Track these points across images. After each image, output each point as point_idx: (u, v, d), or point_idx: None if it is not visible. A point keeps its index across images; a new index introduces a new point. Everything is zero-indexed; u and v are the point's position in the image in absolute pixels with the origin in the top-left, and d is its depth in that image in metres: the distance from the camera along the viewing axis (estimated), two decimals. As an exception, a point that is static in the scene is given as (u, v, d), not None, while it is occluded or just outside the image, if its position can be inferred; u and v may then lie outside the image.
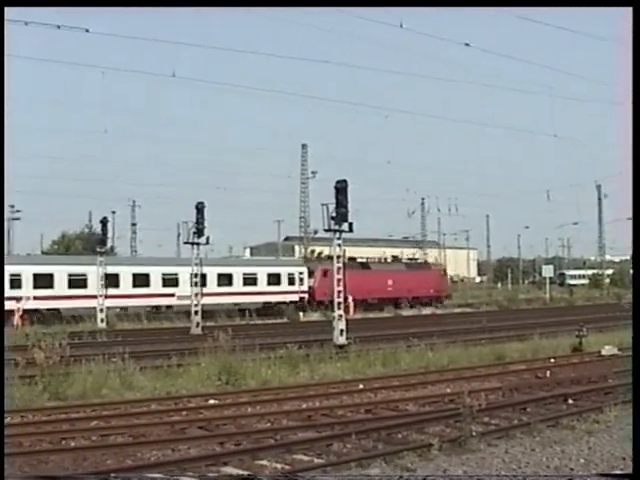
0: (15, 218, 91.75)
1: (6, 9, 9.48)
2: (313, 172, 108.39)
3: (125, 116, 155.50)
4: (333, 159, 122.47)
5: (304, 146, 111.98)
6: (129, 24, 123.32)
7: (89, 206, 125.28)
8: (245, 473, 12.55)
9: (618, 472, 11.53)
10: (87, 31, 23.42)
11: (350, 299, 55.24)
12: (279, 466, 13.26)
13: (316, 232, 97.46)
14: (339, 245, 33.67)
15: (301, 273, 65.29)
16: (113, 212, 73.64)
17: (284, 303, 62.46)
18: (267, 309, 60.77)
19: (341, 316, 33.08)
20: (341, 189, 32.13)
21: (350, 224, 32.52)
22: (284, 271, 65.07)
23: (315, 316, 56.60)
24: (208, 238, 45.00)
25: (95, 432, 16.32)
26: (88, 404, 19.40)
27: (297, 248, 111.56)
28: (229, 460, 13.71)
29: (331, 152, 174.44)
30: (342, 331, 32.64)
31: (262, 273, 63.25)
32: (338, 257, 33.89)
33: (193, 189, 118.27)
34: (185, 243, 46.36)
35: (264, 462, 13.57)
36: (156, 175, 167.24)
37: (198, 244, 44.93)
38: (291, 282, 64.45)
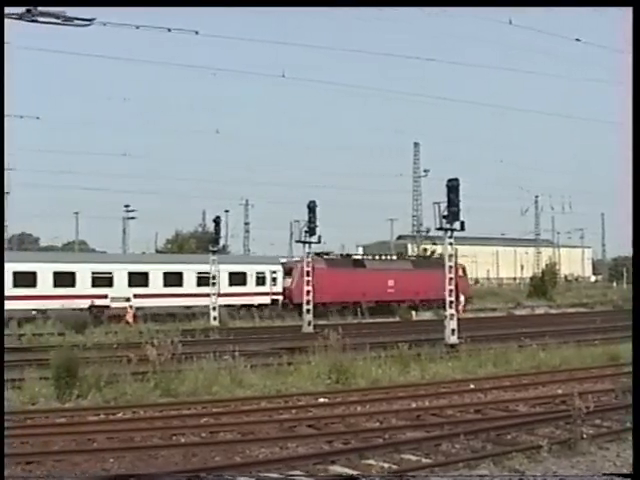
0: (130, 217, 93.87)
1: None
2: (425, 170, 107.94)
3: (236, 117, 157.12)
4: (445, 157, 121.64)
5: (416, 144, 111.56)
6: (238, 25, 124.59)
7: (203, 205, 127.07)
8: (354, 473, 12.49)
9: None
10: (197, 33, 23.68)
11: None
12: (386, 465, 13.16)
13: (428, 231, 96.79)
14: (450, 244, 33.47)
15: (274, 272, 57.30)
16: (226, 211, 74.55)
17: (251, 306, 54.09)
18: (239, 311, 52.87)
19: (453, 315, 32.89)
20: (453, 187, 31.95)
21: (462, 223, 32.32)
22: (251, 269, 56.89)
23: (427, 315, 55.99)
24: (320, 237, 45.18)
25: (205, 429, 16.50)
26: (199, 401, 19.67)
27: (409, 247, 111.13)
28: (337, 459, 13.69)
29: (443, 150, 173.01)
30: (453, 330, 32.42)
31: (223, 272, 53.37)
32: (450, 256, 33.67)
33: (305, 189, 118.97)
34: (297, 242, 46.65)
35: (371, 461, 13.51)
36: (269, 174, 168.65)
37: (310, 243, 45.12)
38: (260, 282, 56.60)
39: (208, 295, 49.64)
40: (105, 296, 49.32)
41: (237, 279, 55.53)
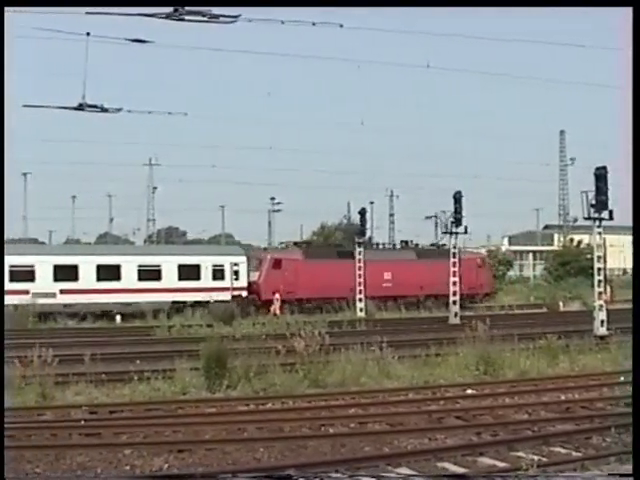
0: (276, 210, 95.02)
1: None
2: (571, 159, 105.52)
3: (381, 108, 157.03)
4: (593, 145, 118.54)
5: (562, 132, 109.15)
6: (382, 16, 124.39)
7: (347, 197, 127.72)
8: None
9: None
10: (341, 26, 23.74)
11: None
12: (536, 458, 12.86)
13: (576, 220, 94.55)
14: (599, 233, 32.59)
15: (235, 264, 50.23)
16: (371, 203, 74.54)
17: (207, 303, 47.41)
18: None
19: (602, 306, 32.09)
20: (601, 176, 31.19)
21: (610, 212, 31.49)
22: (206, 261, 49.89)
23: (575, 306, 54.49)
24: (466, 227, 44.69)
25: (353, 419, 16.54)
26: (347, 392, 19.75)
27: (556, 236, 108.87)
28: (485, 451, 13.53)
29: (591, 138, 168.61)
30: (602, 322, 31.61)
31: (169, 264, 48.47)
32: (598, 246, 32.80)
33: (451, 179, 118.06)
34: (444, 233, 46.17)
35: (521, 454, 13.27)
36: (414, 165, 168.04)
37: (457, 233, 44.70)
38: (218, 276, 49.75)
39: (152, 291, 46.06)
40: (26, 292, 42.87)
41: (188, 272, 48.90)
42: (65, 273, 45.16)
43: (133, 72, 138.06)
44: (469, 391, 20.07)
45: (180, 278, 48.43)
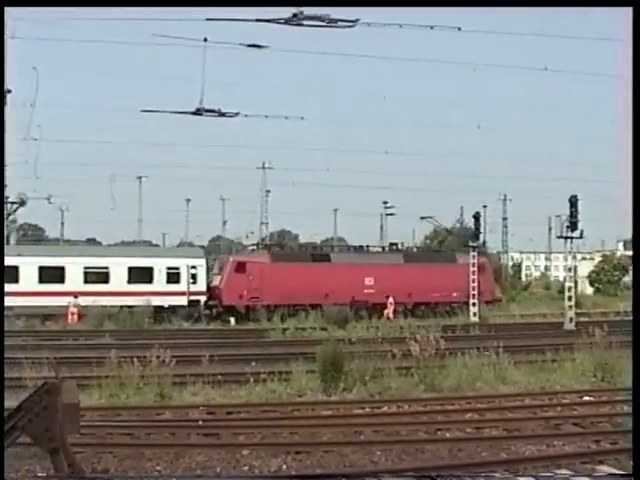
0: (389, 214, 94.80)
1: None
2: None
3: (497, 111, 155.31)
4: None
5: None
6: (502, 19, 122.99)
7: (460, 201, 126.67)
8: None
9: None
10: (459, 29, 23.67)
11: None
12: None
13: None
14: None
15: (193, 267, 47.59)
16: (484, 206, 73.78)
17: (160, 308, 45.57)
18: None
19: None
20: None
21: None
22: (160, 264, 47.11)
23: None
24: (582, 232, 43.86)
25: (470, 424, 16.45)
26: (463, 397, 19.62)
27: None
28: (604, 459, 13.26)
29: None
30: None
31: (118, 266, 45.91)
32: None
33: (566, 182, 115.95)
34: (558, 237, 45.32)
35: (644, 463, 12.91)
36: (529, 168, 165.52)
37: (572, 238, 43.92)
38: (173, 279, 47.03)
39: (99, 294, 43.34)
40: None
41: (139, 275, 46.45)
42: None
43: (249, 76, 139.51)
44: (586, 398, 19.73)
45: (130, 281, 46.07)
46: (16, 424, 6.03)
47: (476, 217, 51.41)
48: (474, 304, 47.79)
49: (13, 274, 40.87)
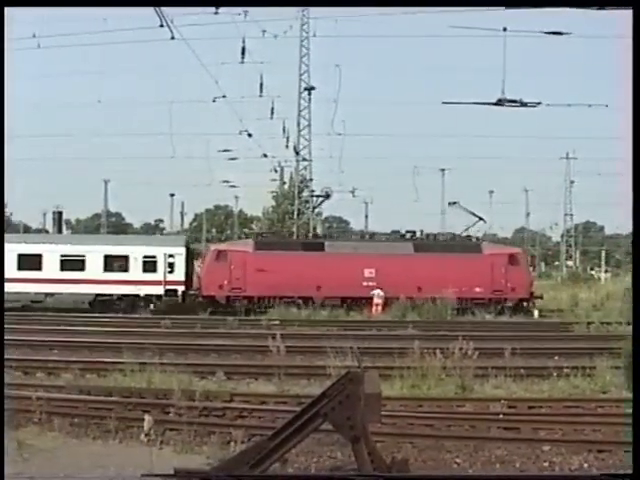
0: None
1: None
2: None
3: None
4: None
5: None
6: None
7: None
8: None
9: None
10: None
11: None
12: None
13: None
14: None
15: (170, 256, 45.80)
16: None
17: (136, 296, 44.90)
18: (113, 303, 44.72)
19: None
20: None
21: None
22: (136, 252, 45.93)
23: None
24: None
25: None
26: None
27: None
28: None
29: None
30: None
31: (94, 254, 45.14)
32: None
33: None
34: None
35: None
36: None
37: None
38: (149, 268, 45.61)
39: (75, 282, 43.63)
40: None
41: (115, 264, 45.66)
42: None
43: (550, 64, 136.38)
44: None
45: (106, 269, 45.48)
46: (319, 411, 6.32)
47: None
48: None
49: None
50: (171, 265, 45.81)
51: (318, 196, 54.14)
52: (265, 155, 53.95)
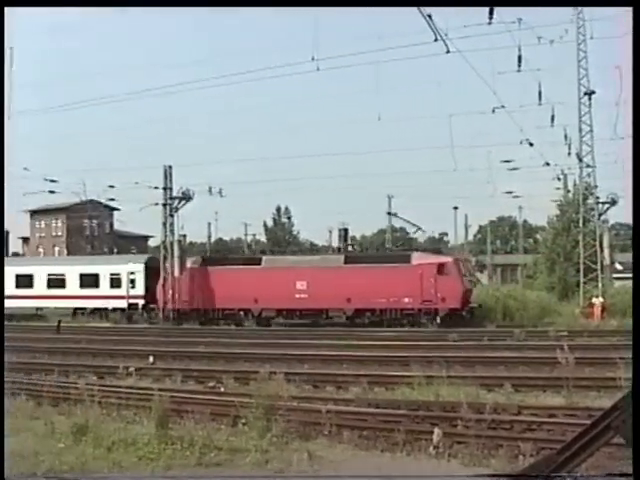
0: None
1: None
2: None
3: None
4: None
5: None
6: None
7: None
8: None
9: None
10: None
11: None
12: None
13: None
14: None
15: (132, 273, 51.70)
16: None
17: (104, 310, 51.39)
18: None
19: None
20: None
21: None
22: (104, 270, 52.57)
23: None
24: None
25: None
26: None
27: None
28: None
29: None
30: None
31: (72, 273, 52.86)
32: None
33: None
34: None
35: None
36: None
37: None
38: (115, 284, 51.94)
39: (58, 297, 51.10)
40: None
41: (89, 281, 52.39)
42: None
43: None
44: None
45: (82, 286, 52.15)
46: (610, 424, 6.00)
47: None
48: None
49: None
50: (132, 281, 51.92)
51: (603, 203, 52.37)
52: (547, 163, 52.68)
